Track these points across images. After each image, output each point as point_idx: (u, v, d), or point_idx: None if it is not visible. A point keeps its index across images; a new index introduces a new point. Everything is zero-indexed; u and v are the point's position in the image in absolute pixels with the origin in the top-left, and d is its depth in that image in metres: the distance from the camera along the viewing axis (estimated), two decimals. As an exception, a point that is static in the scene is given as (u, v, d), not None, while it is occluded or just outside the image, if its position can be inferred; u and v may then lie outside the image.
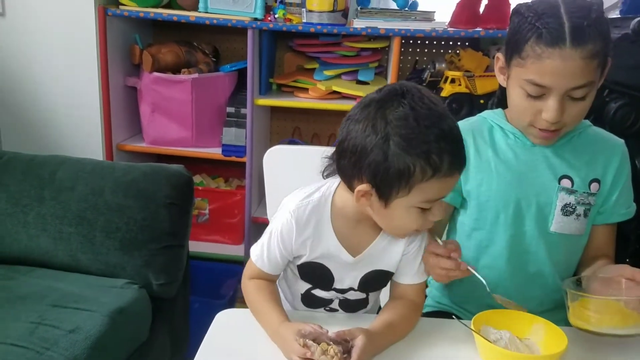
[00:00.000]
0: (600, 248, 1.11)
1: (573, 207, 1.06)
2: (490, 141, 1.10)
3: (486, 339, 0.86)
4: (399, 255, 0.95)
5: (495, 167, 1.08)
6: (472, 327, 0.88)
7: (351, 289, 0.98)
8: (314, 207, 0.91)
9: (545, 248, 1.08)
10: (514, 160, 1.08)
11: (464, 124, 1.12)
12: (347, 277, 0.96)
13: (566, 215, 1.06)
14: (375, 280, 0.98)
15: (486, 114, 1.14)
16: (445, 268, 0.91)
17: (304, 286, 0.99)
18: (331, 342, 0.81)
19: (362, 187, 0.84)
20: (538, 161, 1.07)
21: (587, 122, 1.11)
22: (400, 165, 0.80)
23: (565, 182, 1.06)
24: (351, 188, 0.87)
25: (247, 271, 0.98)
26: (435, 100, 0.83)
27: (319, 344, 0.80)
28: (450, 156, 0.81)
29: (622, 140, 1.12)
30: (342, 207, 0.91)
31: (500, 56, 1.06)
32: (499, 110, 1.13)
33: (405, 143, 0.79)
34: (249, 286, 0.96)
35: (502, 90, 1.16)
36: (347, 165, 0.85)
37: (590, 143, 1.09)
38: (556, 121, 0.98)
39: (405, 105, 0.80)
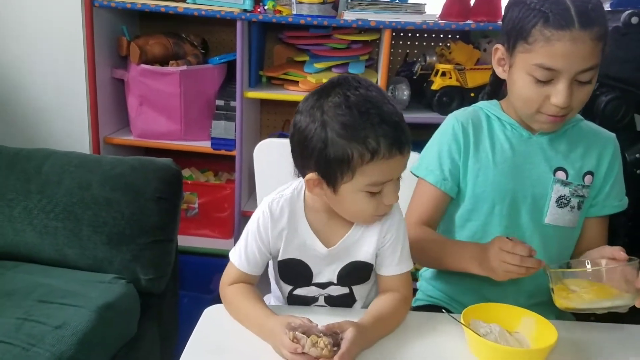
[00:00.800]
0: (592, 241, 1.11)
1: (567, 199, 1.07)
2: (488, 131, 1.10)
3: (476, 333, 0.86)
4: (374, 245, 0.95)
5: (492, 157, 1.08)
6: (461, 320, 0.88)
7: (331, 283, 0.98)
8: (286, 201, 0.95)
9: (539, 240, 1.08)
10: (511, 152, 1.08)
11: (462, 113, 1.12)
12: (326, 270, 0.97)
13: (560, 207, 1.07)
14: (354, 272, 0.97)
15: (482, 104, 1.14)
16: (524, 266, 0.91)
17: (287, 288, 1.00)
18: (321, 334, 0.80)
19: (310, 175, 0.88)
20: (534, 153, 1.08)
21: (579, 116, 1.11)
22: (338, 152, 0.83)
23: (560, 174, 1.07)
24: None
25: (225, 277, 0.97)
26: (372, 87, 0.86)
27: (308, 337, 0.80)
28: (387, 139, 0.83)
29: (613, 134, 1.13)
30: (312, 201, 0.94)
31: (499, 47, 1.05)
32: (494, 101, 1.13)
33: (341, 130, 0.82)
34: (228, 292, 0.95)
35: (493, 84, 1.16)
36: (297, 157, 0.90)
37: (583, 136, 1.10)
38: (566, 105, 0.98)
39: (340, 94, 0.84)
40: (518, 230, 1.08)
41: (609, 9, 1.66)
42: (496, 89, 1.17)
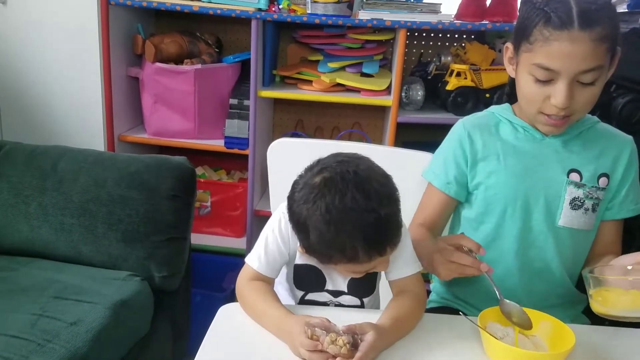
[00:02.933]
0: (607, 245, 1.10)
1: (581, 201, 1.06)
2: (499, 135, 1.10)
3: (492, 336, 0.85)
4: None
5: (503, 159, 1.07)
6: (478, 323, 0.87)
7: (342, 292, 0.98)
8: None
9: (553, 242, 1.07)
10: (523, 153, 1.07)
11: (471, 119, 1.13)
12: (337, 278, 0.97)
13: (574, 209, 1.06)
14: (364, 281, 0.97)
15: (493, 108, 1.14)
16: (461, 264, 0.91)
17: (299, 294, 1.00)
18: (341, 332, 0.80)
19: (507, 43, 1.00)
20: (547, 154, 1.07)
21: (596, 118, 1.10)
22: (322, 253, 0.88)
23: (574, 176, 1.06)
24: None
25: (241, 277, 0.97)
26: (368, 191, 0.83)
27: (327, 334, 0.79)
28: (365, 248, 0.84)
29: (630, 137, 1.11)
30: None
31: (509, 45, 1.05)
32: (506, 105, 1.13)
33: (320, 240, 0.85)
34: (245, 290, 0.95)
35: (511, 84, 1.15)
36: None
37: (599, 138, 1.09)
38: (565, 106, 0.97)
39: (324, 205, 0.83)
40: (531, 233, 1.07)
41: (626, 10, 1.65)
42: (514, 89, 1.16)
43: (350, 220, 0.83)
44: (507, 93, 1.18)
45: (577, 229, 1.07)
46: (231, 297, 1.94)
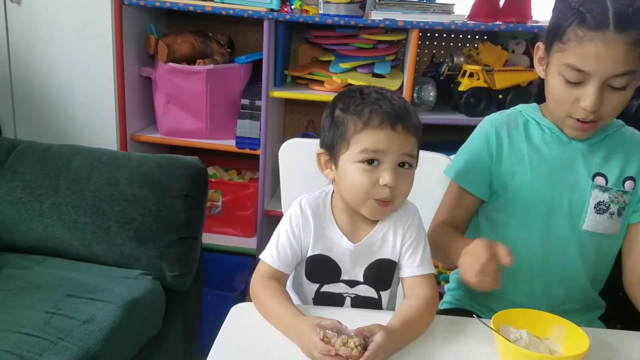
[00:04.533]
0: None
1: (607, 205, 1.04)
2: (525, 134, 1.08)
3: (506, 339, 0.85)
4: (398, 243, 0.97)
5: (529, 161, 1.06)
6: (491, 326, 0.87)
7: (359, 282, 0.98)
8: (315, 199, 0.99)
9: (576, 246, 1.06)
10: (549, 155, 1.06)
11: (498, 117, 1.11)
12: (353, 267, 0.98)
13: (599, 213, 1.04)
14: (380, 271, 0.98)
15: (521, 107, 1.12)
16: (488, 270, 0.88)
17: (314, 287, 1.00)
18: (352, 334, 0.80)
19: (319, 151, 0.98)
20: (573, 157, 1.05)
21: (621, 121, 1.08)
22: (338, 123, 0.92)
23: (599, 180, 1.04)
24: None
25: (255, 275, 0.97)
26: (392, 93, 0.94)
27: (339, 336, 0.79)
28: (380, 112, 0.89)
29: None
30: (340, 201, 0.98)
31: (540, 45, 1.03)
32: (534, 104, 1.11)
33: (344, 105, 0.93)
34: (257, 289, 0.95)
35: (540, 85, 1.11)
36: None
37: (625, 141, 1.07)
38: (594, 110, 0.95)
39: (355, 88, 0.95)
40: (554, 236, 1.06)
41: None
42: (543, 90, 1.13)
43: (377, 93, 0.92)
44: (535, 94, 1.16)
45: (602, 233, 1.05)
46: (242, 297, 1.95)
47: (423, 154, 1.00)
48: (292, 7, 1.89)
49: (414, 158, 0.93)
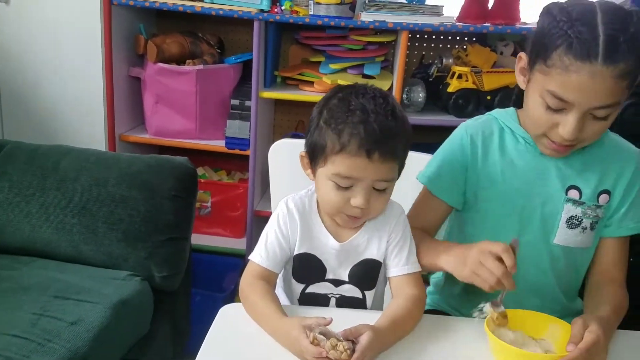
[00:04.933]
0: (607, 270, 1.04)
1: (579, 219, 1.02)
2: (499, 144, 1.05)
3: (498, 339, 0.85)
4: (383, 244, 0.98)
5: (501, 172, 1.03)
6: (485, 325, 0.87)
7: (344, 281, 0.99)
8: (301, 198, 1.00)
9: (548, 259, 1.04)
10: (522, 167, 1.03)
11: (473, 124, 1.08)
12: (338, 267, 0.99)
13: (571, 228, 1.02)
14: (365, 271, 0.99)
15: (497, 113, 1.08)
16: (493, 272, 0.86)
17: (299, 287, 1.01)
18: (341, 338, 0.80)
19: (302, 152, 0.98)
20: (547, 169, 1.02)
21: None
22: (319, 136, 0.91)
23: (573, 193, 1.02)
24: None
25: (244, 276, 0.98)
26: (381, 97, 0.90)
27: (327, 339, 0.79)
28: (360, 140, 0.87)
29: (638, 150, 1.05)
30: None
31: (523, 56, 0.98)
32: (512, 110, 1.07)
33: (328, 117, 0.91)
34: (247, 288, 0.95)
35: (520, 91, 1.07)
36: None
37: (604, 152, 1.03)
38: (572, 139, 0.92)
39: (349, 95, 0.91)
40: (525, 248, 1.02)
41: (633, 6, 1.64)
42: (522, 97, 1.08)
43: (363, 109, 0.88)
44: (513, 99, 1.12)
45: (574, 247, 1.04)
46: (231, 298, 1.95)
47: (411, 154, 1.00)
48: (282, 7, 1.89)
49: (390, 182, 0.92)
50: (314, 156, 0.93)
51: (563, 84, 0.88)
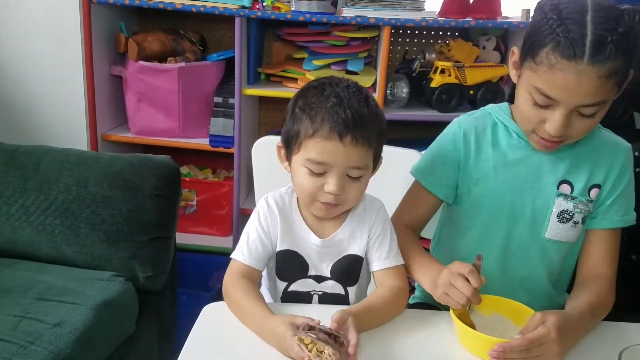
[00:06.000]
0: (595, 265, 1.04)
1: (570, 214, 1.03)
2: (492, 139, 1.06)
3: (462, 322, 0.86)
4: (364, 240, 0.99)
5: (494, 166, 1.04)
6: (451, 312, 0.89)
7: (326, 278, 0.99)
8: (281, 195, 1.01)
9: (539, 253, 1.05)
10: (514, 161, 1.04)
11: (466, 119, 1.09)
12: (320, 264, 0.99)
13: (562, 222, 1.03)
14: (347, 267, 0.99)
15: (491, 108, 1.09)
16: (462, 292, 0.88)
17: (282, 285, 1.00)
18: (327, 330, 0.80)
19: (279, 143, 0.99)
20: (539, 163, 1.03)
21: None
22: (293, 124, 0.93)
23: (564, 188, 1.03)
24: None
25: (227, 275, 0.97)
26: (355, 87, 0.93)
27: (316, 335, 0.79)
28: (332, 123, 0.88)
29: (628, 145, 1.06)
30: None
31: (515, 50, 0.99)
32: (505, 105, 1.08)
33: (304, 103, 0.92)
34: (230, 287, 0.95)
35: (514, 85, 1.07)
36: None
37: (595, 147, 1.03)
38: (559, 135, 0.93)
39: (319, 85, 0.94)
40: (516, 242, 1.05)
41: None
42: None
43: (337, 95, 0.90)
44: (509, 93, 1.12)
45: (564, 241, 1.05)
46: (217, 297, 1.92)
47: (394, 149, 1.00)
48: (264, 4, 1.88)
49: (363, 169, 0.92)
50: (289, 144, 0.94)
51: (549, 82, 0.89)
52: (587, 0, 0.88)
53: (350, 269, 1.00)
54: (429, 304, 1.17)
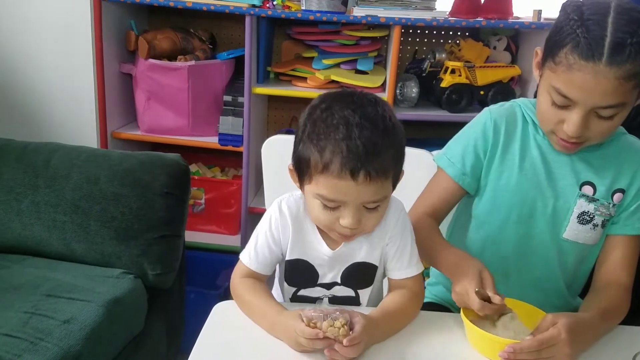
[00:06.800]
0: (613, 271, 1.03)
1: (591, 216, 1.02)
2: (521, 134, 1.05)
3: (472, 323, 0.86)
4: (378, 249, 0.95)
5: (519, 162, 1.04)
6: (461, 314, 0.88)
7: (335, 283, 0.97)
8: (296, 202, 0.95)
9: (555, 253, 1.05)
10: (539, 159, 1.03)
11: (498, 110, 1.08)
12: (330, 272, 0.96)
13: (582, 223, 1.02)
14: (358, 273, 0.97)
15: (521, 101, 1.08)
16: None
17: (290, 290, 0.99)
18: (337, 315, 0.79)
19: (290, 165, 0.91)
20: (563, 163, 1.03)
21: (622, 129, 1.05)
22: (303, 151, 0.85)
23: (587, 189, 1.02)
24: None
25: (234, 275, 0.97)
26: (371, 107, 0.84)
27: (325, 318, 0.79)
28: (343, 160, 0.80)
29: None
30: None
31: (538, 51, 0.99)
32: (535, 100, 1.05)
33: (312, 130, 0.84)
34: (237, 287, 0.94)
35: None
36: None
37: (620, 151, 1.03)
38: (577, 136, 0.93)
39: (329, 105, 0.85)
40: (533, 240, 1.05)
41: None
42: None
43: (346, 123, 0.81)
44: (535, 93, 1.12)
45: (582, 243, 1.04)
46: (225, 295, 1.93)
47: (408, 150, 0.99)
48: (274, 2, 1.87)
49: (379, 201, 0.86)
50: (300, 171, 0.88)
51: (567, 82, 0.89)
52: (611, 3, 0.88)
53: (362, 276, 0.98)
54: (439, 304, 1.16)
